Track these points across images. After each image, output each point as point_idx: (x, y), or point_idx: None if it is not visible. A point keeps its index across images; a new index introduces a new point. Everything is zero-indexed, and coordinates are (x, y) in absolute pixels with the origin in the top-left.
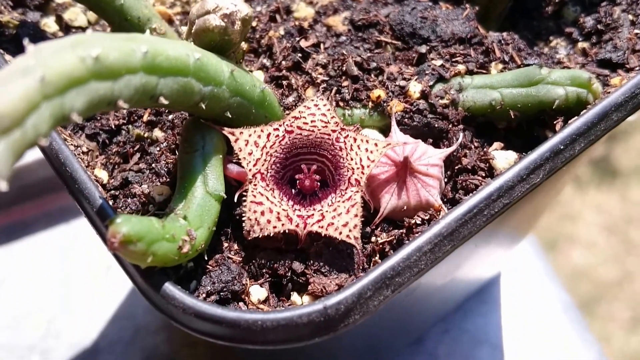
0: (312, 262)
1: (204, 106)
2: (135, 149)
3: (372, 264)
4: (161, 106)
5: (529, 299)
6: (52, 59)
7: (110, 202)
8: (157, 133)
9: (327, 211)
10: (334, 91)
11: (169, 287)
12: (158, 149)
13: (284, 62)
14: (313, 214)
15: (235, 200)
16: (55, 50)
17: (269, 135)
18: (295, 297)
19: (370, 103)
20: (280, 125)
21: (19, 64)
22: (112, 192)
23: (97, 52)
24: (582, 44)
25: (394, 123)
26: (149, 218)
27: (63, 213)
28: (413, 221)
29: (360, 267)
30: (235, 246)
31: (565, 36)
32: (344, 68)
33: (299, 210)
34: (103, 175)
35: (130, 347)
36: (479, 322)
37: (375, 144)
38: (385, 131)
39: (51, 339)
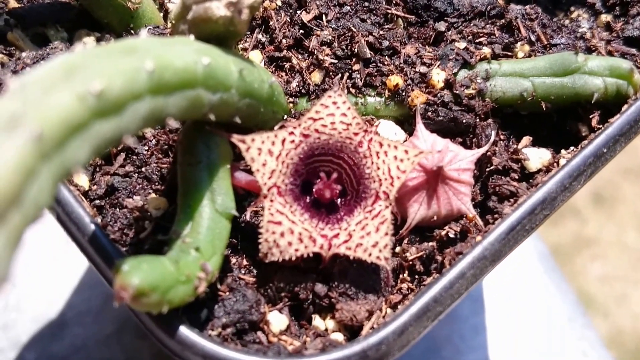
0: (336, 283)
1: (213, 117)
2: (119, 147)
3: (399, 281)
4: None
5: None
6: (44, 102)
7: (98, 219)
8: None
9: (354, 230)
10: (345, 77)
11: (185, 332)
12: (147, 148)
13: (284, 41)
14: (339, 234)
15: (248, 216)
16: (46, 86)
17: (283, 141)
18: (317, 321)
19: (386, 91)
20: (295, 129)
21: (2, 112)
22: (97, 201)
23: (99, 87)
24: (605, 17)
25: (419, 122)
26: (159, 259)
27: None
28: (444, 233)
29: (388, 286)
30: (244, 262)
31: (588, 7)
32: (354, 48)
33: (323, 229)
34: (83, 181)
35: (100, 317)
36: None
37: (406, 151)
38: (402, 122)
39: (12, 313)
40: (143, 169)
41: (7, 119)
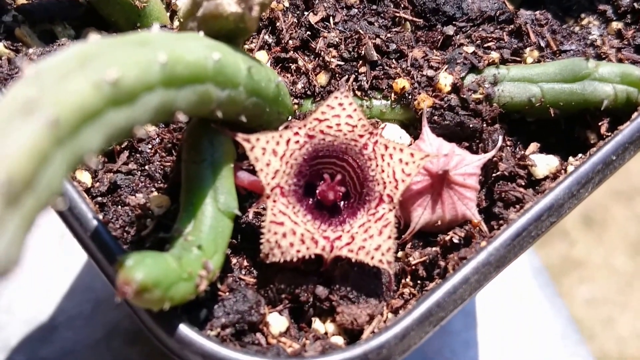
0: (337, 286)
1: (220, 114)
2: (122, 145)
3: (401, 286)
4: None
5: None
6: (60, 89)
7: (100, 216)
8: (149, 127)
9: (356, 232)
10: (351, 79)
11: (185, 330)
12: (150, 146)
13: (290, 42)
14: (341, 236)
15: (250, 215)
16: (61, 74)
17: (288, 141)
18: (317, 324)
19: (392, 94)
20: (300, 129)
21: (17, 97)
22: (99, 199)
23: (114, 76)
24: (616, 24)
25: (425, 125)
26: (162, 256)
27: None
28: (448, 238)
29: (390, 290)
30: (245, 262)
31: (599, 14)
32: (361, 51)
33: (325, 231)
34: (86, 178)
35: (90, 322)
36: None
37: (411, 154)
38: (407, 126)
39: (3, 314)
40: (146, 167)
41: (23, 104)
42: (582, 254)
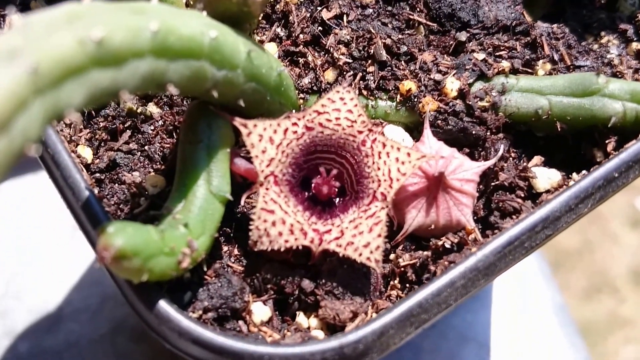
0: (324, 281)
1: (216, 94)
2: (125, 125)
3: (389, 287)
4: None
5: (521, 298)
6: (45, 41)
7: (96, 190)
8: (152, 109)
9: (346, 227)
10: (358, 77)
11: (164, 306)
12: (152, 127)
13: (301, 36)
14: (331, 230)
15: (242, 202)
16: (49, 28)
17: (285, 130)
18: (301, 317)
19: (398, 96)
20: (299, 120)
21: (3, 45)
22: (97, 175)
23: (100, 35)
24: (636, 45)
25: (427, 127)
26: (145, 227)
27: (27, 161)
28: (440, 243)
29: (377, 291)
30: (236, 251)
31: (619, 33)
32: (371, 50)
33: (315, 223)
34: (87, 153)
35: (96, 316)
36: (467, 319)
37: (408, 154)
38: (411, 129)
39: (11, 300)
40: (146, 148)
41: (7, 51)
42: (631, 313)
